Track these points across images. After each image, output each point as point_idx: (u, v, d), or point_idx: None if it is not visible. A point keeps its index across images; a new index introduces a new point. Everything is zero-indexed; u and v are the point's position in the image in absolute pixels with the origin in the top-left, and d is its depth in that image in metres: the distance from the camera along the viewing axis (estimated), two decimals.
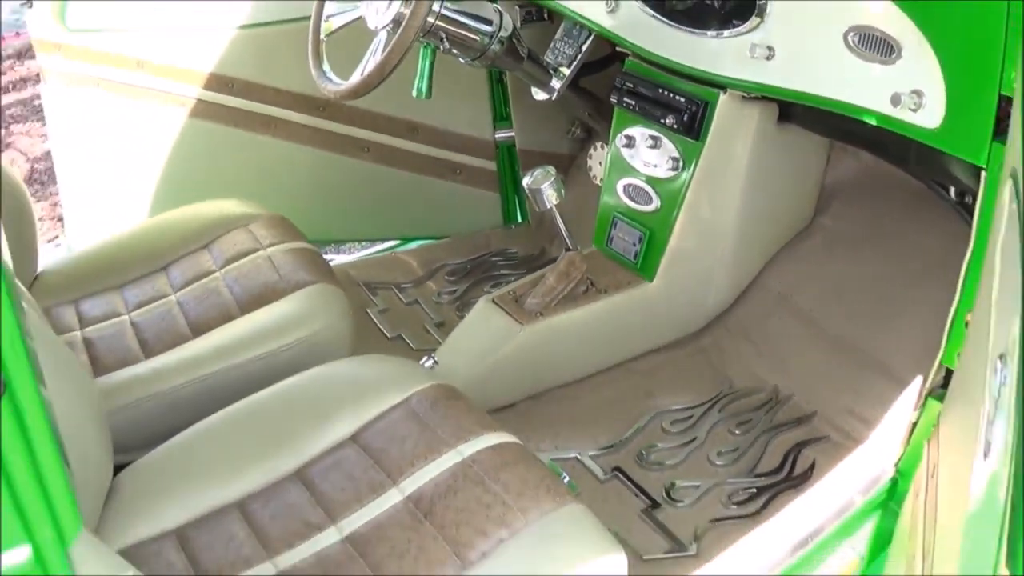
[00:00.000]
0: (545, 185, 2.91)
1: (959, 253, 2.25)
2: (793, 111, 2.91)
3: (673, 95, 2.95)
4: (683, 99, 2.92)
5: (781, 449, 2.71)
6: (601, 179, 3.24)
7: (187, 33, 3.54)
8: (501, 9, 2.84)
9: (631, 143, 3.08)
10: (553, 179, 2.91)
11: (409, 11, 2.59)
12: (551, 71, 3.10)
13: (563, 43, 3.19)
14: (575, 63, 3.15)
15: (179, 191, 3.58)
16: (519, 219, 4.11)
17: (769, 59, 2.63)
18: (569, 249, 3.02)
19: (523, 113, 3.89)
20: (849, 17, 2.40)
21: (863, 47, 2.39)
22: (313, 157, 3.78)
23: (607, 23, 3.04)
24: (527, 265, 3.71)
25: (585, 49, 3.17)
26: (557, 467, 2.67)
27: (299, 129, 3.72)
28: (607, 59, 3.42)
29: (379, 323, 3.48)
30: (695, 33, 2.81)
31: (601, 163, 3.69)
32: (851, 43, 2.41)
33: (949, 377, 2.38)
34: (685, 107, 2.91)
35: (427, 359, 2.94)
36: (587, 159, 3.86)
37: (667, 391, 2.94)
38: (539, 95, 3.14)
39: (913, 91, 2.29)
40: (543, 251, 3.83)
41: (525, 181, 2.96)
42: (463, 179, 3.97)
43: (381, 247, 4.17)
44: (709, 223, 3.04)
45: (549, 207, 2.92)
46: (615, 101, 3.11)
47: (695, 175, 2.95)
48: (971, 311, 2.23)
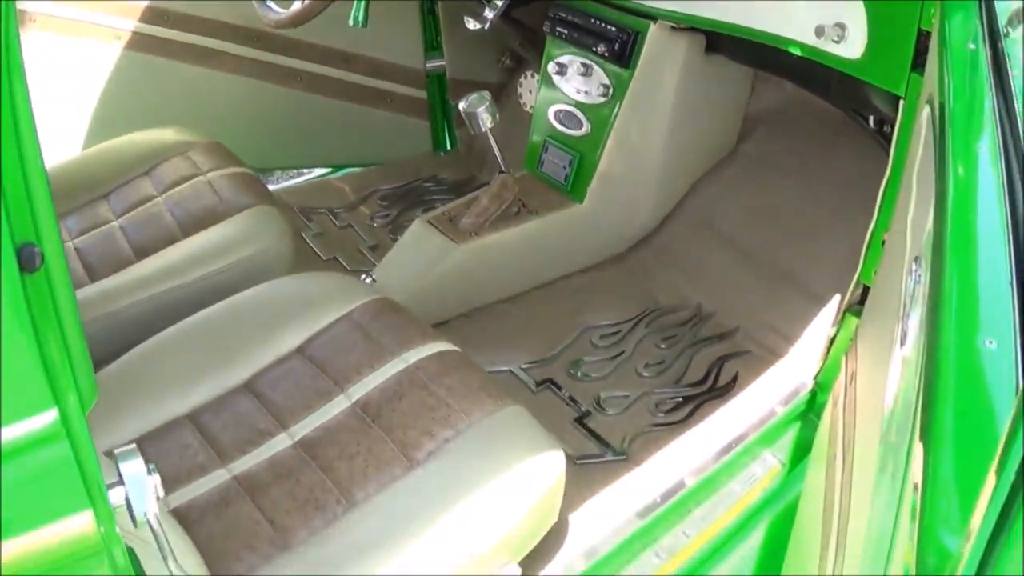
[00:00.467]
0: (480, 109, 2.99)
1: (877, 178, 2.37)
2: (720, 42, 3.01)
3: (605, 25, 3.04)
4: (614, 29, 3.01)
5: (705, 362, 2.83)
6: (531, 107, 3.32)
7: None
8: None
9: (563, 70, 3.16)
10: (488, 103, 2.99)
11: None
12: (484, 1, 3.16)
13: None
14: None
15: (115, 124, 3.56)
16: (448, 146, 4.18)
17: None
18: (502, 172, 3.10)
19: (454, 43, 3.95)
20: None
21: None
22: (247, 87, 3.81)
23: None
24: (457, 191, 3.78)
25: None
26: None
27: (233, 60, 3.75)
28: None
29: (314, 246, 3.53)
30: None
31: (531, 91, 3.77)
32: None
33: (866, 294, 2.50)
34: (616, 36, 3.00)
35: (365, 277, 3.01)
36: (517, 87, 3.93)
37: (596, 308, 3.05)
38: (471, 24, 3.19)
39: (836, 24, 2.38)
40: (472, 177, 3.90)
41: (461, 105, 3.03)
42: (394, 107, 4.03)
43: (314, 174, 4.21)
44: (637, 148, 3.14)
45: (484, 130, 3.00)
46: (548, 30, 3.19)
47: (624, 101, 3.04)
48: (888, 232, 2.35)
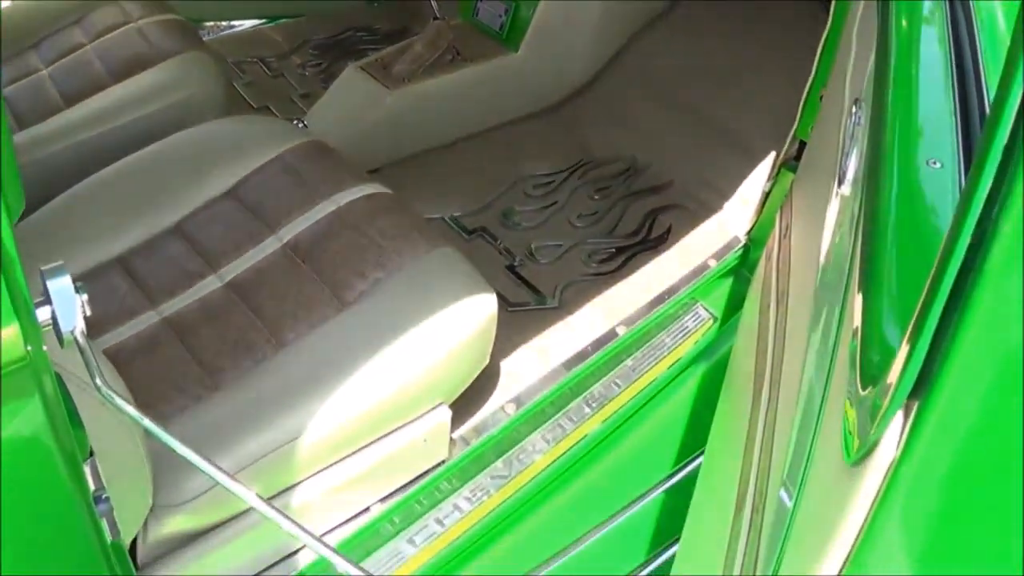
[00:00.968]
0: None
1: (813, 40, 2.34)
2: None
3: None
4: None
5: (638, 214, 2.82)
6: None
7: None
8: None
9: None
10: None
11: None
12: None
13: None
14: None
15: None
16: None
17: None
18: (437, 18, 3.03)
19: None
20: None
21: None
22: None
23: None
24: (390, 41, 3.68)
25: None
26: None
27: None
28: None
29: (245, 95, 3.45)
30: None
31: None
32: None
33: (802, 150, 2.49)
34: None
35: (296, 123, 2.95)
36: None
37: (529, 158, 3.01)
38: None
39: None
40: (406, 28, 3.82)
41: None
42: None
43: (247, 25, 4.10)
44: None
45: None
46: None
47: None
48: (825, 88, 2.34)
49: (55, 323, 1.22)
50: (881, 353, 0.93)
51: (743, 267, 2.70)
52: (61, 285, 1.22)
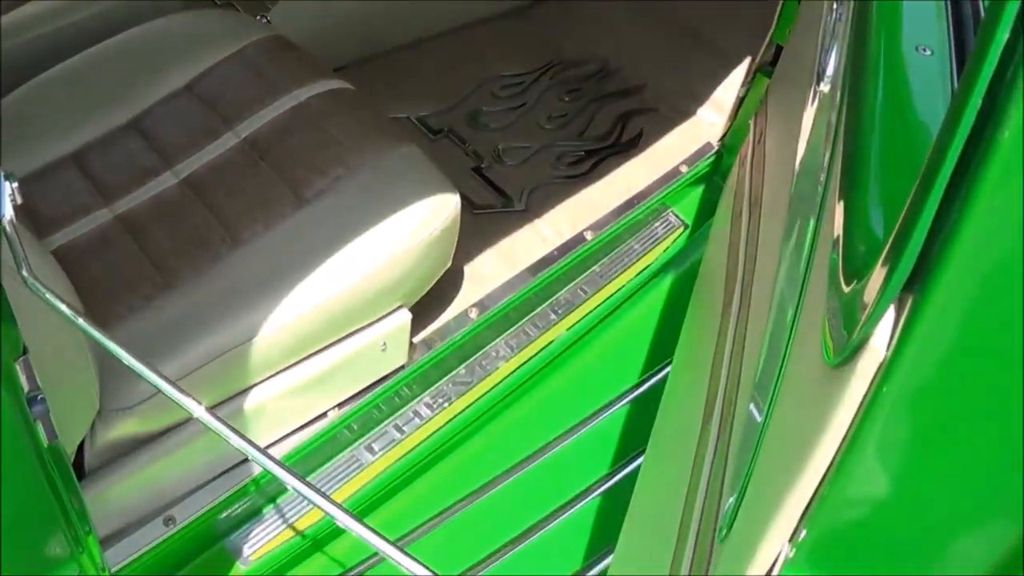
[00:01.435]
0: None
1: None
2: None
3: None
4: None
5: (609, 118, 2.74)
6: None
7: None
8: None
9: None
10: None
11: None
12: None
13: None
14: None
15: None
16: None
17: None
18: None
19: None
20: None
21: None
22: None
23: None
24: None
25: None
26: None
27: None
28: None
29: None
30: None
31: None
32: None
33: (778, 55, 2.42)
34: None
35: (260, 18, 2.85)
36: None
37: (499, 59, 2.92)
38: None
39: None
40: None
41: None
42: None
43: None
44: None
45: None
46: None
47: None
48: None
49: None
50: (867, 244, 0.86)
51: (715, 174, 2.64)
52: None
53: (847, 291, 0.91)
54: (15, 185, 1.22)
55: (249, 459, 1.98)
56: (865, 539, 0.88)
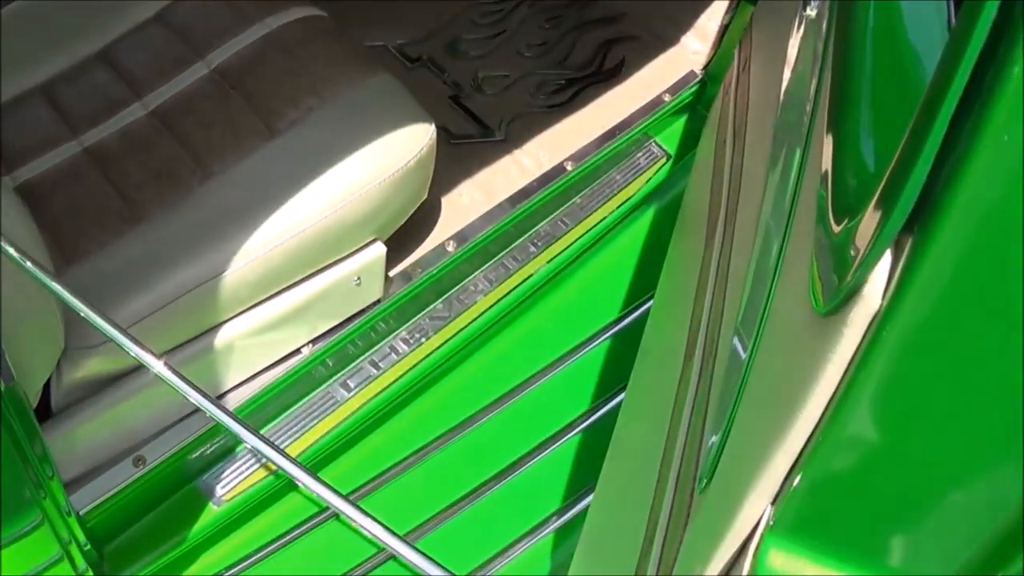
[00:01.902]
0: None
1: None
2: None
3: None
4: None
5: (591, 45, 2.66)
6: None
7: None
8: None
9: None
10: None
11: None
12: None
13: None
14: None
15: None
16: None
17: None
18: None
19: None
20: None
21: None
22: None
23: None
24: None
25: None
26: None
27: None
28: None
29: None
30: None
31: None
32: None
33: None
34: None
35: None
36: None
37: None
38: None
39: None
40: None
41: None
42: None
43: None
44: None
45: None
46: None
47: None
48: None
49: None
50: (859, 179, 0.78)
51: (699, 103, 2.58)
52: None
53: (837, 231, 0.84)
54: None
55: (221, 396, 1.95)
56: (855, 506, 0.82)
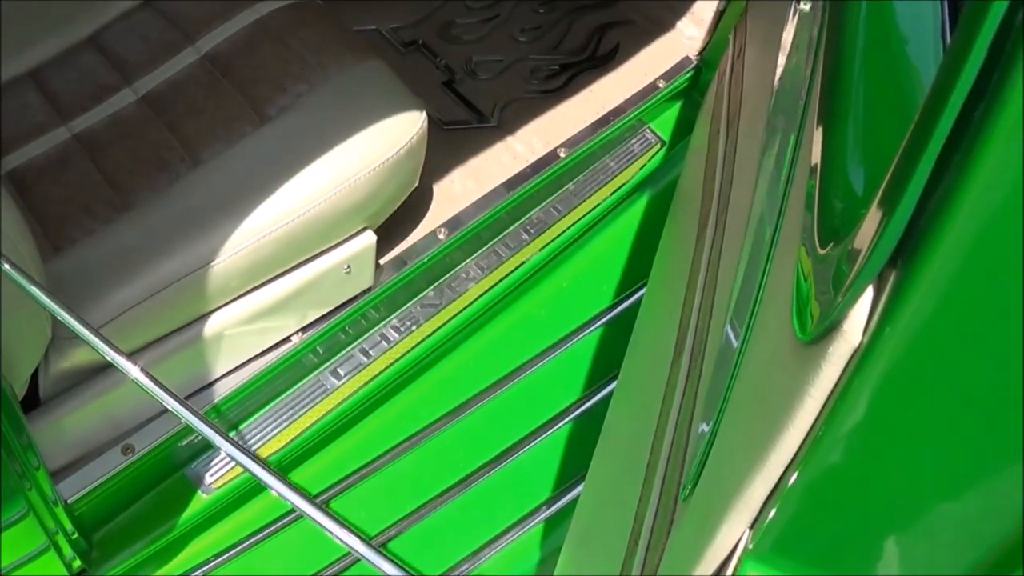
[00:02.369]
0: None
1: None
2: None
3: None
4: None
5: (585, 30, 2.65)
6: None
7: None
8: None
9: None
10: None
11: None
12: None
13: None
14: None
15: None
16: None
17: None
18: None
19: None
20: None
21: None
22: None
23: None
24: None
25: None
26: None
27: None
28: None
29: None
30: None
31: None
32: None
33: None
34: None
35: None
36: None
37: None
38: None
39: None
40: None
41: None
42: None
43: None
44: None
45: None
46: None
47: None
48: None
49: None
50: (845, 202, 0.75)
51: (694, 90, 2.56)
52: None
53: (822, 254, 0.81)
54: None
55: (211, 384, 1.95)
56: (831, 537, 0.81)
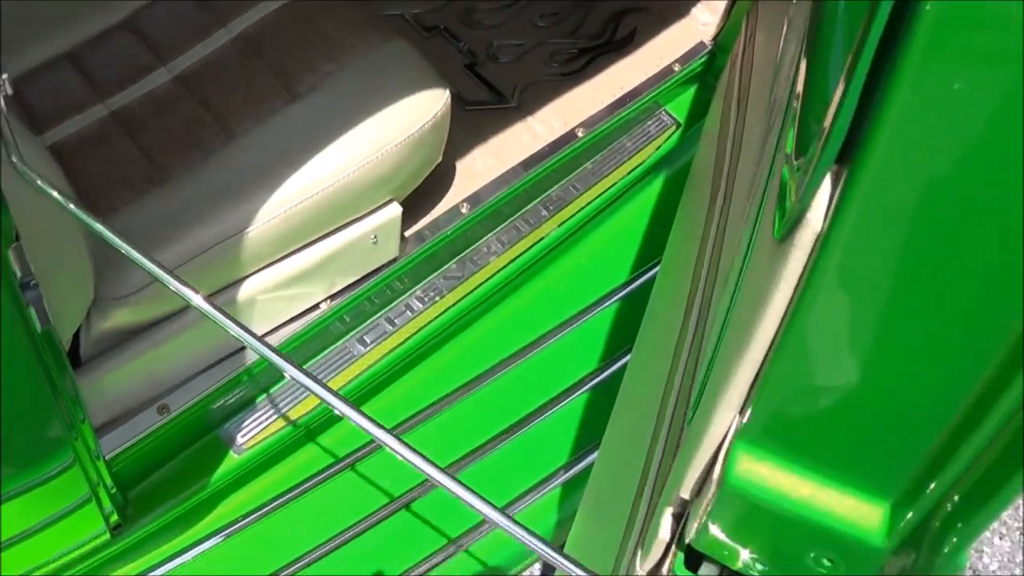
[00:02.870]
0: None
1: None
2: None
3: None
4: None
5: (603, 15, 2.72)
6: None
7: None
8: None
9: None
10: None
11: None
12: None
13: None
14: None
15: None
16: None
17: None
18: None
19: None
20: None
21: None
22: None
23: None
24: None
25: None
26: None
27: None
28: None
29: None
30: None
31: None
32: None
33: None
34: None
35: None
36: None
37: None
38: None
39: None
40: None
41: None
42: None
43: None
44: None
45: None
46: None
47: None
48: None
49: None
50: (816, 119, 0.87)
51: (708, 74, 2.64)
52: None
53: (796, 164, 0.92)
54: (5, 77, 1.23)
55: (244, 348, 2.02)
56: (808, 414, 0.90)
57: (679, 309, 1.93)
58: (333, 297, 2.12)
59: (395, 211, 2.07)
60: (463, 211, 2.23)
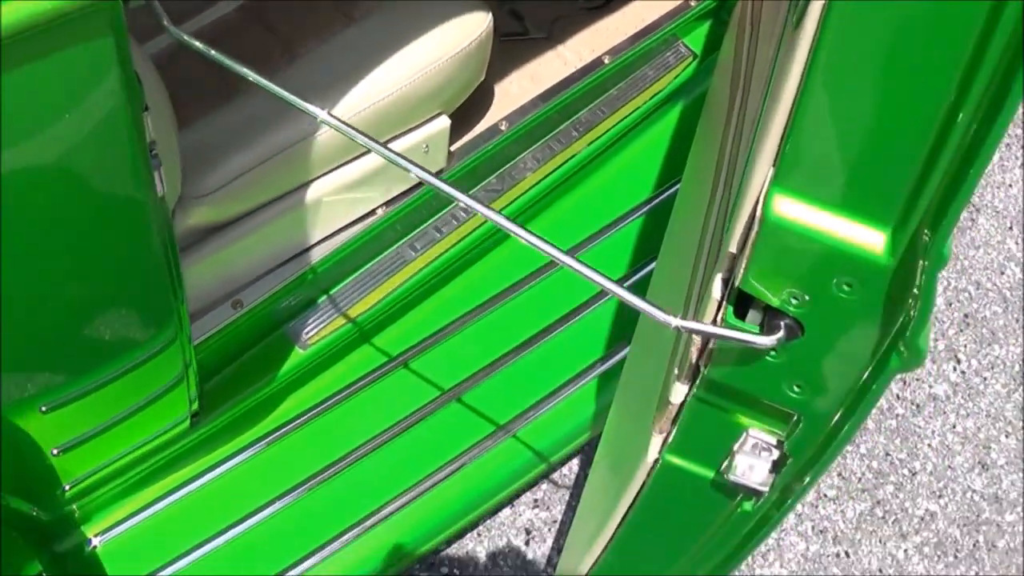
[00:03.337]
0: None
1: None
2: None
3: None
4: None
5: None
6: None
7: None
8: None
9: None
10: None
11: None
12: None
13: None
14: None
15: None
16: None
17: None
18: None
19: None
20: None
21: None
22: None
23: None
24: None
25: None
26: None
27: None
28: None
29: None
30: None
31: None
32: None
33: None
34: None
35: None
36: None
37: None
38: None
39: None
40: None
41: None
42: None
43: None
44: None
45: None
46: None
47: None
48: None
49: None
50: None
51: (722, 9, 2.80)
52: None
53: None
54: None
55: (312, 248, 2.19)
56: (827, 155, 1.10)
57: (699, 217, 2.10)
58: (388, 204, 2.28)
59: (444, 123, 2.24)
60: (502, 128, 2.40)
